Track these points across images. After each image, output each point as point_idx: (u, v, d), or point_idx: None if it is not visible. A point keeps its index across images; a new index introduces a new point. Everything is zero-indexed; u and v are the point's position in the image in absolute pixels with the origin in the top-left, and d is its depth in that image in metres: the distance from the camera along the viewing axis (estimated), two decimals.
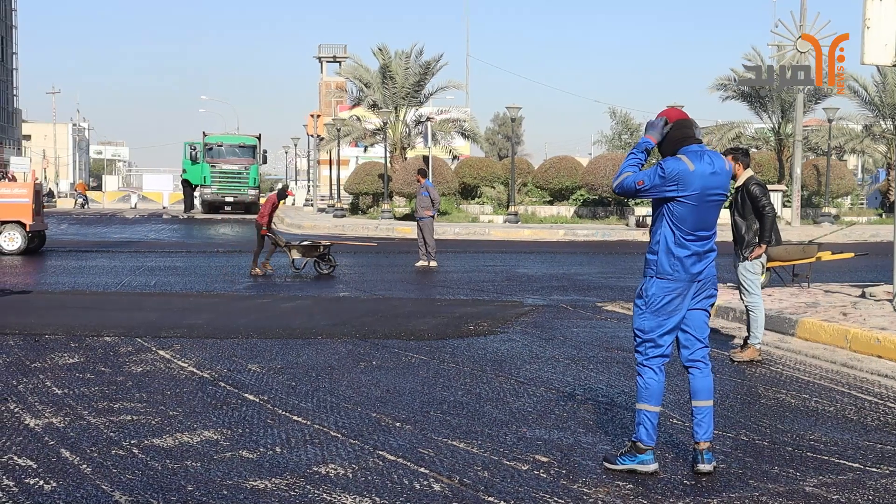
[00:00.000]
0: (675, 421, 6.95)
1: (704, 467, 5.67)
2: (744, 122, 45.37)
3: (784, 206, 38.00)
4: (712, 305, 5.88)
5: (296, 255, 18.37)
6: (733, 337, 10.89)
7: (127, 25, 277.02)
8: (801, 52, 34.51)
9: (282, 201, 19.95)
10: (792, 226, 35.98)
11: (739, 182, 9.59)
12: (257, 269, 18.19)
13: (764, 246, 9.61)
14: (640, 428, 5.71)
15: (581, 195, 41.11)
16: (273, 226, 19.19)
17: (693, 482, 5.56)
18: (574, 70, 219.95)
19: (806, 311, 11.67)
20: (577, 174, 41.36)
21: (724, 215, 9.14)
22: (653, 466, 5.69)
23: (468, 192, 43.36)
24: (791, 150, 39.14)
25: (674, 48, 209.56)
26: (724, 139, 43.73)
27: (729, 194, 5.87)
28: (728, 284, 14.87)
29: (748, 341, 9.59)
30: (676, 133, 5.78)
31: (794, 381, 8.51)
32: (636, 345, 5.81)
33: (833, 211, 39.83)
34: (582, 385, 8.25)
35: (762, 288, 14.28)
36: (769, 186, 37.98)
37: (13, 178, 42.86)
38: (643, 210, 35.64)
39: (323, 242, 18.86)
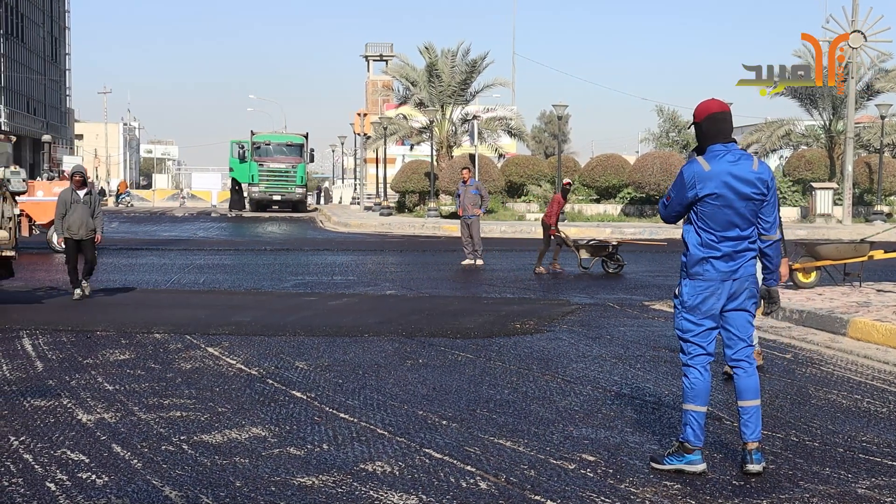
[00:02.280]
0: (723, 421, 6.89)
1: (753, 468, 5.61)
2: (793, 119, 44.82)
3: (835, 204, 37.53)
4: (755, 305, 5.83)
5: (584, 254, 18.51)
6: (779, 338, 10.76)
7: (176, 26, 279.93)
8: (854, 48, 34.03)
9: (566, 199, 20.06)
10: (843, 224, 35.52)
11: None
12: (542, 269, 18.30)
13: None
14: (686, 428, 5.67)
15: (628, 193, 40.89)
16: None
17: (742, 483, 5.51)
18: (621, 67, 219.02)
19: (858, 310, 11.51)
20: (623, 172, 41.14)
21: (783, 212, 8.94)
22: (701, 467, 5.65)
23: (514, 191, 43.30)
24: (842, 147, 38.61)
25: (722, 44, 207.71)
26: (774, 137, 43.29)
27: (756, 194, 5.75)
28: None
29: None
30: (706, 127, 5.74)
31: (846, 382, 8.40)
32: (680, 345, 5.79)
33: (885, 209, 39.22)
34: (629, 384, 8.20)
35: (811, 287, 14.15)
36: (819, 185, 37.64)
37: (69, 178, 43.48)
38: None
39: (611, 242, 18.93)
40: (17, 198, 13.84)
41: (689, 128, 6.45)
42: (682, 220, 5.85)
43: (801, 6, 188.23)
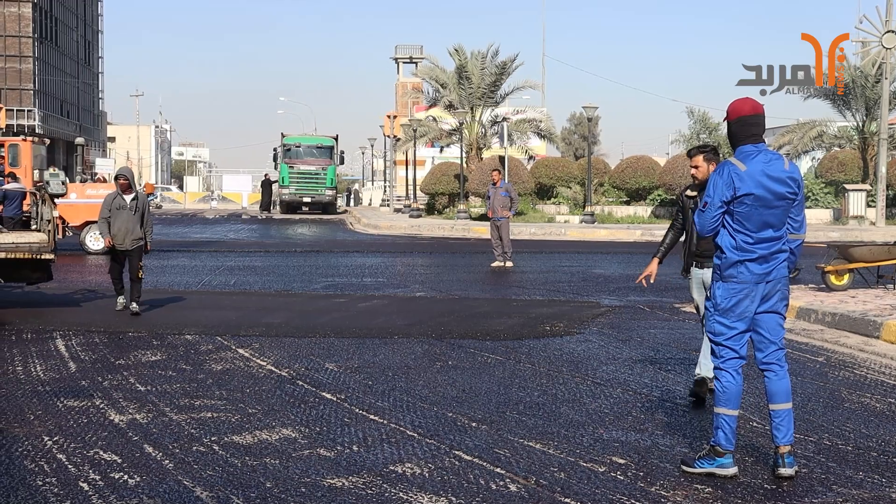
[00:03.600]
0: (754, 424, 6.84)
1: (785, 471, 5.57)
2: (825, 120, 44.40)
3: (868, 205, 37.14)
4: (787, 307, 5.79)
5: None
6: (811, 341, 10.67)
7: (207, 30, 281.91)
8: (888, 48, 33.72)
9: None
10: (876, 226, 35.17)
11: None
12: None
13: None
14: (718, 432, 5.63)
15: (658, 195, 40.68)
16: None
17: (774, 486, 5.47)
18: (651, 69, 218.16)
19: (892, 313, 11.39)
20: (654, 174, 40.94)
21: (811, 213, 8.70)
22: (732, 470, 5.61)
23: (544, 193, 43.21)
24: (876, 148, 38.20)
25: (753, 45, 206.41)
26: (806, 138, 42.90)
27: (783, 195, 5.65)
28: (810, 286, 14.60)
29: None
30: (737, 128, 5.71)
31: (879, 385, 8.32)
32: (711, 348, 5.76)
33: None
34: (659, 387, 8.16)
35: (844, 290, 14.02)
36: (852, 186, 37.30)
37: (103, 180, 43.75)
38: None
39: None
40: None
41: (724, 121, 6.34)
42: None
43: (834, 9, 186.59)
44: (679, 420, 7.04)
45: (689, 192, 7.59)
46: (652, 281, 7.70)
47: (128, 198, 12.44)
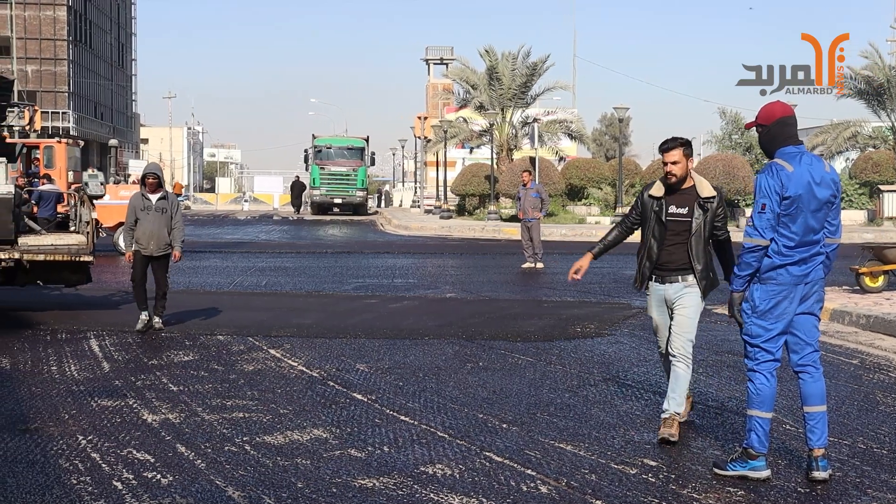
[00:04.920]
0: (787, 426, 6.79)
1: (819, 475, 5.52)
2: (860, 120, 43.97)
3: None
4: (821, 308, 5.74)
5: None
6: (845, 343, 10.56)
7: (239, 32, 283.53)
8: None
9: None
10: None
11: (708, 192, 6.55)
12: None
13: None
14: (751, 434, 5.59)
15: None
16: None
17: (807, 490, 5.43)
18: (683, 69, 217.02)
19: None
20: None
21: (845, 214, 8.49)
22: (765, 473, 5.57)
23: (575, 194, 43.08)
24: None
25: (787, 45, 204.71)
26: (840, 138, 42.52)
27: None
28: (844, 287, 14.47)
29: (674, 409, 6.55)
30: (777, 131, 5.65)
31: None
32: (746, 350, 5.71)
33: None
34: (691, 389, 8.10)
35: (878, 292, 13.88)
36: (887, 187, 36.93)
37: (137, 182, 44.03)
38: None
39: None
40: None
41: (755, 126, 6.04)
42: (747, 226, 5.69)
43: (869, 7, 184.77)
44: (711, 422, 7.00)
45: (653, 192, 6.58)
46: (579, 277, 6.84)
47: (154, 198, 11.16)
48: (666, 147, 6.48)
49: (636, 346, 10.23)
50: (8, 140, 16.56)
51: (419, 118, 59.67)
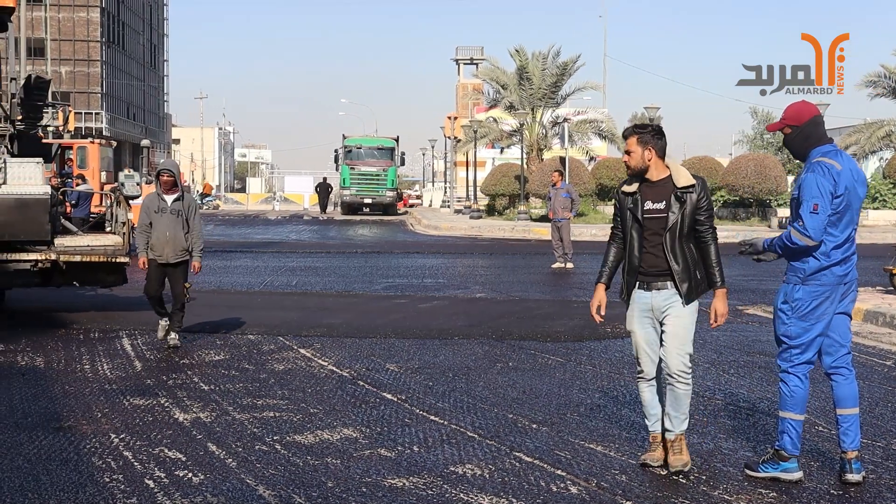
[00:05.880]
0: (820, 428, 6.74)
1: (853, 477, 5.48)
2: (894, 119, 43.56)
3: None
4: (852, 306, 5.70)
5: None
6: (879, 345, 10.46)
7: (270, 33, 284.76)
8: None
9: None
10: None
11: (686, 181, 5.75)
12: None
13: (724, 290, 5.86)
14: (783, 436, 5.55)
15: (721, 196, 40.20)
16: None
17: (840, 492, 5.39)
18: (713, 68, 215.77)
19: None
20: (717, 175, 40.44)
21: (879, 215, 8.31)
22: (797, 475, 5.53)
23: (605, 194, 42.90)
24: None
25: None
26: (873, 138, 42.10)
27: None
28: (877, 288, 14.33)
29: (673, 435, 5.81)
30: (810, 130, 5.59)
31: None
32: (781, 352, 5.65)
33: None
34: (722, 390, 8.07)
35: None
36: None
37: None
38: (786, 211, 34.64)
39: None
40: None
41: (783, 128, 5.80)
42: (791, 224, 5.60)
43: None
44: (742, 423, 6.95)
45: (626, 189, 5.89)
46: (603, 313, 6.23)
47: (170, 198, 10.03)
48: (625, 134, 5.88)
49: None
50: (44, 141, 16.67)
51: (449, 118, 59.74)
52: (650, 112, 38.75)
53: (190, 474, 5.66)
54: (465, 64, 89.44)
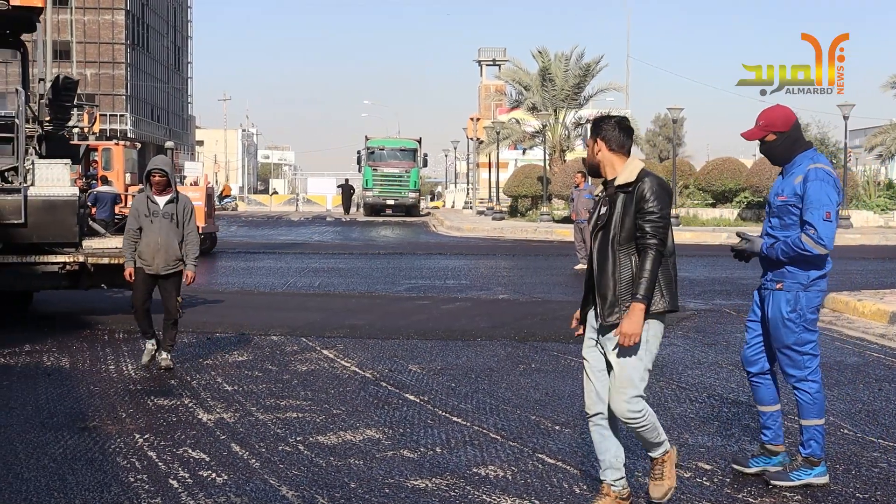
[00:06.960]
0: (845, 431, 6.69)
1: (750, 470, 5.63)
2: None
3: None
4: None
5: None
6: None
7: (293, 34, 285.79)
8: None
9: None
10: None
11: (625, 178, 4.88)
12: None
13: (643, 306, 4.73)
14: (812, 443, 5.48)
15: (745, 197, 40.02)
16: None
17: (866, 496, 5.35)
18: (737, 69, 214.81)
19: None
20: (740, 176, 40.27)
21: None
22: (826, 478, 5.50)
23: None
24: None
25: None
26: None
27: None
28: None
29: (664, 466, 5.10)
30: (797, 134, 5.56)
31: None
32: (794, 360, 5.51)
33: None
34: (746, 392, 8.01)
35: None
36: None
37: (194, 183, 44.52)
38: None
39: None
40: None
41: (765, 134, 5.55)
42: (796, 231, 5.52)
43: None
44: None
45: (597, 192, 5.18)
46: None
47: (162, 200, 8.92)
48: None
49: (690, 349, 10.14)
50: (71, 142, 16.75)
51: (471, 119, 59.76)
52: (673, 113, 38.64)
53: (213, 474, 5.68)
54: (487, 65, 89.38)
